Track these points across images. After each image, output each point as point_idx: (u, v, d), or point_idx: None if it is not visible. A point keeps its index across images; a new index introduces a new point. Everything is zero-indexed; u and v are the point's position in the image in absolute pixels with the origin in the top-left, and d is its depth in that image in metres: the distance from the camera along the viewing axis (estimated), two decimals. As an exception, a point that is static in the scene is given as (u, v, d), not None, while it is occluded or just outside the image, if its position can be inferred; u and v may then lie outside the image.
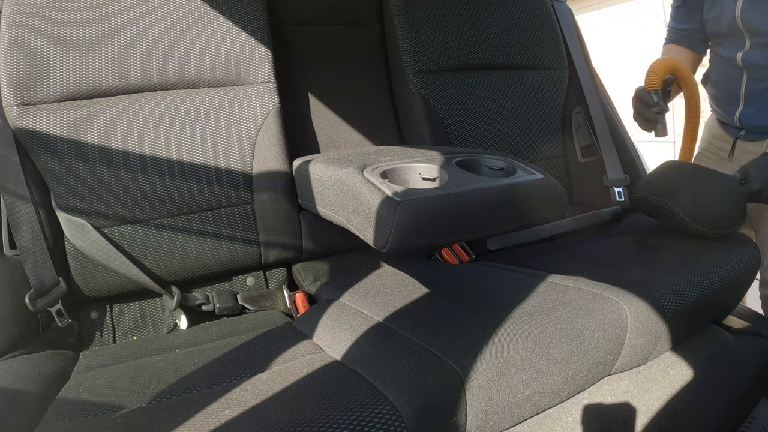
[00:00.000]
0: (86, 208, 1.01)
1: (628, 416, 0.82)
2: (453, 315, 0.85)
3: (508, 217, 0.92)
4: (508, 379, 0.70)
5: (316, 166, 1.02)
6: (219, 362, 0.81)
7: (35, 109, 0.98)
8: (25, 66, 0.97)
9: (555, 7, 1.62)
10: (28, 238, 0.95)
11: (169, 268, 1.06)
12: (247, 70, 1.14)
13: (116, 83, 1.04)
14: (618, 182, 1.45)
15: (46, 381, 0.80)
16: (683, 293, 0.89)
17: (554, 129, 1.56)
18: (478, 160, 1.01)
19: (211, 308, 1.09)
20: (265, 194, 1.12)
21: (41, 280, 0.95)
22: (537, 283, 0.95)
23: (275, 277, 1.20)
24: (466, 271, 1.11)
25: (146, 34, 1.07)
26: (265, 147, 1.13)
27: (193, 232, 1.07)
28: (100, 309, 1.07)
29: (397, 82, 1.44)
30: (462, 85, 1.42)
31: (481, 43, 1.45)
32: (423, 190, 0.85)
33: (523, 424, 0.74)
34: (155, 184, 1.04)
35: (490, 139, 1.43)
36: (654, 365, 0.89)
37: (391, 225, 0.78)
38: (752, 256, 1.06)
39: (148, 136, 1.04)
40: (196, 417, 0.63)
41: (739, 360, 1.01)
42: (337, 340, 0.81)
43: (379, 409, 0.60)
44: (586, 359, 0.77)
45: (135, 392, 0.73)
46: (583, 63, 1.59)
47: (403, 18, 1.37)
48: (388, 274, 1.11)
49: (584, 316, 0.81)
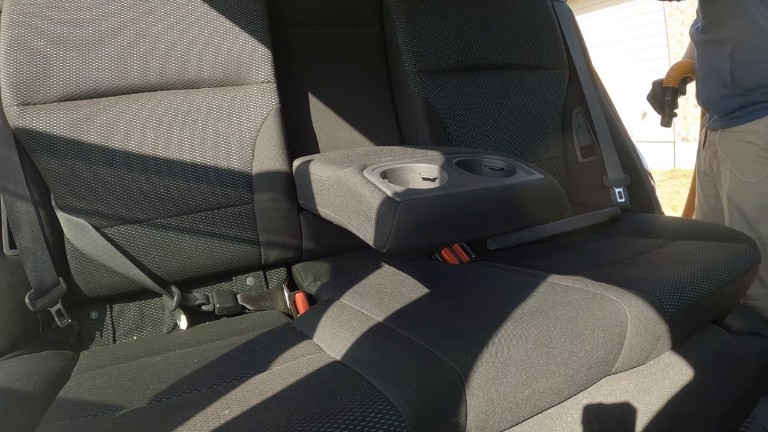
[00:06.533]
0: (86, 208, 1.01)
1: (628, 416, 0.82)
2: (453, 315, 0.85)
3: (508, 217, 0.92)
4: (508, 379, 0.70)
5: (316, 166, 1.02)
6: (219, 362, 0.81)
7: (35, 109, 0.98)
8: (25, 66, 0.97)
9: (555, 7, 1.62)
10: (28, 238, 0.95)
11: (169, 268, 1.06)
12: (247, 70, 1.14)
13: (116, 83, 1.04)
14: (618, 182, 1.45)
15: (46, 381, 0.80)
16: (683, 293, 0.89)
17: (554, 129, 1.56)
18: (478, 160, 1.01)
19: (211, 308, 1.10)
20: (265, 194, 1.12)
21: (41, 280, 0.95)
22: (537, 283, 0.95)
23: (275, 277, 1.21)
24: (466, 271, 1.11)
25: (146, 34, 1.07)
26: (265, 147, 1.13)
27: (193, 232, 1.07)
28: (100, 309, 1.07)
29: (397, 82, 1.44)
30: (462, 85, 1.42)
31: (481, 43, 1.45)
32: (423, 190, 0.85)
33: (523, 424, 0.74)
34: (155, 184, 1.04)
35: (490, 139, 1.43)
36: (654, 365, 0.89)
37: (391, 225, 0.78)
38: (752, 255, 1.06)
39: (148, 136, 1.05)
40: (196, 417, 0.63)
41: (739, 360, 1.01)
42: (337, 341, 0.81)
43: (379, 409, 0.60)
44: (586, 359, 0.77)
45: (135, 392, 0.73)
46: (583, 63, 1.59)
47: (403, 18, 1.37)
48: (388, 274, 1.11)
49: (584, 316, 0.81)
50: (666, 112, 1.48)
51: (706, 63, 1.32)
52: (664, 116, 1.48)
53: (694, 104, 1.46)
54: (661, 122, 1.49)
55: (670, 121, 1.49)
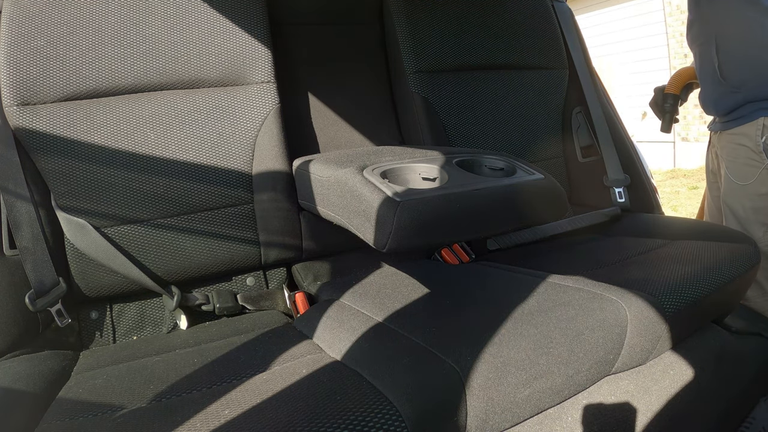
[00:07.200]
0: (86, 208, 1.01)
1: (628, 416, 0.82)
2: (453, 315, 0.85)
3: (508, 217, 0.92)
4: (508, 379, 0.70)
5: (316, 166, 1.02)
6: (219, 362, 0.81)
7: (35, 109, 0.98)
8: (25, 66, 0.97)
9: (555, 7, 1.62)
10: (28, 238, 0.95)
11: (169, 268, 1.06)
12: (247, 70, 1.14)
13: (116, 83, 1.04)
14: (618, 182, 1.45)
15: (46, 381, 0.80)
16: (683, 293, 0.89)
17: (554, 129, 1.56)
18: (478, 160, 1.01)
19: (211, 308, 1.10)
20: (265, 194, 1.12)
21: (41, 280, 0.95)
22: (537, 283, 0.95)
23: (275, 277, 1.21)
24: (466, 271, 1.11)
25: (146, 34, 1.07)
26: (265, 147, 1.13)
27: (193, 232, 1.07)
28: (100, 309, 1.07)
29: (397, 82, 1.45)
30: (462, 85, 1.42)
31: (481, 43, 1.45)
32: (423, 191, 0.85)
33: (523, 424, 0.74)
34: (155, 184, 1.04)
35: (490, 139, 1.43)
36: (654, 365, 0.89)
37: (391, 225, 0.78)
38: (752, 255, 1.06)
39: (148, 136, 1.05)
40: (196, 417, 0.63)
41: (739, 360, 1.01)
42: (337, 340, 0.81)
43: (379, 409, 0.60)
44: (586, 359, 0.77)
45: (135, 392, 0.73)
46: (583, 63, 1.59)
47: (403, 18, 1.37)
48: (388, 274, 1.11)
49: (584, 315, 0.81)
50: (666, 118, 1.50)
51: (698, 63, 1.33)
52: (664, 122, 1.51)
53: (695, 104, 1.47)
54: (661, 128, 1.52)
55: (670, 127, 1.52)
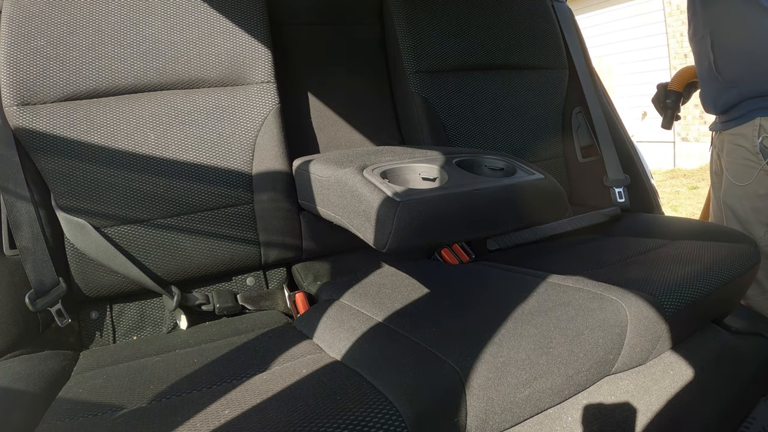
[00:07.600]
0: (86, 208, 1.01)
1: (628, 416, 0.82)
2: (453, 315, 0.85)
3: (508, 218, 0.92)
4: (508, 379, 0.70)
5: (316, 166, 1.02)
6: (219, 362, 0.81)
7: (35, 109, 0.98)
8: (25, 66, 0.97)
9: (555, 7, 1.62)
10: (28, 238, 0.95)
11: (169, 268, 1.06)
12: (247, 70, 1.14)
13: (116, 83, 1.04)
14: (618, 182, 1.45)
15: (46, 381, 0.80)
16: (683, 293, 0.89)
17: (554, 129, 1.56)
18: (478, 160, 1.01)
19: (211, 308, 1.10)
20: (265, 194, 1.12)
21: (41, 280, 0.95)
22: (537, 283, 0.95)
23: (275, 277, 1.21)
24: (466, 271, 1.11)
25: (146, 34, 1.07)
26: (265, 147, 1.13)
27: (193, 232, 1.07)
28: (100, 309, 1.07)
29: (397, 83, 1.44)
30: (462, 85, 1.42)
31: (481, 43, 1.45)
32: (423, 191, 0.85)
33: (523, 424, 0.74)
34: (155, 184, 1.04)
35: (490, 139, 1.43)
36: (654, 365, 0.89)
37: (391, 225, 0.78)
38: (752, 255, 1.06)
39: (148, 136, 1.04)
40: (196, 417, 0.63)
41: (739, 360, 1.01)
42: (337, 341, 0.81)
43: (379, 409, 0.60)
44: (586, 359, 0.77)
45: (135, 392, 0.73)
46: (583, 63, 1.59)
47: (403, 18, 1.37)
48: (388, 274, 1.11)
49: (584, 315, 0.81)
50: (667, 114, 1.51)
51: (696, 59, 1.33)
52: (665, 118, 1.51)
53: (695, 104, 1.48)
54: (662, 124, 1.53)
55: (670, 123, 1.52)
